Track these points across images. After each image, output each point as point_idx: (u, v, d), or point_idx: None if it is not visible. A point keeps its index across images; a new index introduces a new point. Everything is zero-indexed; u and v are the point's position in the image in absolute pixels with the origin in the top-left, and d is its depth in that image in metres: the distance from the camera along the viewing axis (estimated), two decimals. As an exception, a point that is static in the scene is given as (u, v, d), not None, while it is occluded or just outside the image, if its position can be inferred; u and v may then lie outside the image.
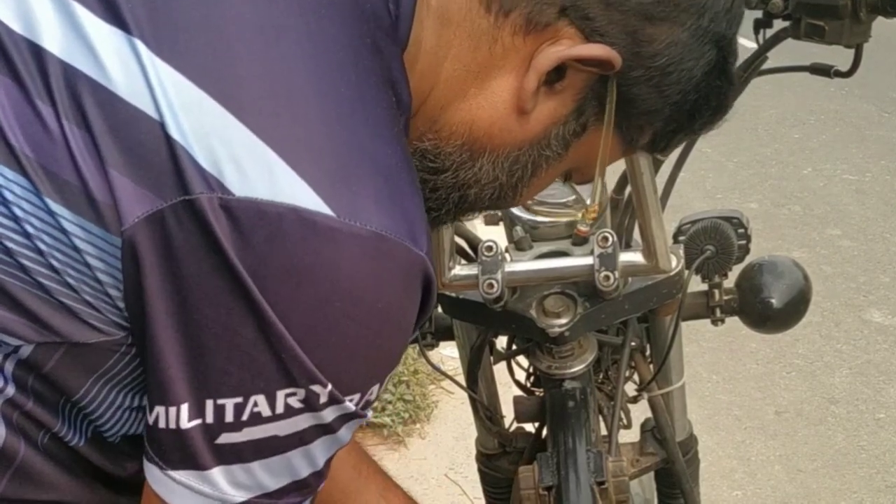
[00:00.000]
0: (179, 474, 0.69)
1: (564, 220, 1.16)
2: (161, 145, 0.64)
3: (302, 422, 0.69)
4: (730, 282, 1.30)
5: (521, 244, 1.16)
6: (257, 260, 0.64)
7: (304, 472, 0.73)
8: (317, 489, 0.76)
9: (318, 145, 0.66)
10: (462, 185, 0.81)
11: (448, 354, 2.21)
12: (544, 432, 1.25)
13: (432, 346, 1.33)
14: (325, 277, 0.65)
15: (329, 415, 0.70)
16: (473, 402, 1.34)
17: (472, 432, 1.43)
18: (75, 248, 0.65)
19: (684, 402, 1.38)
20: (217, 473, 0.69)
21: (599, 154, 0.82)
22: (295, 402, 0.68)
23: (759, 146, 5.67)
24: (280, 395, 0.67)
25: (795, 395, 3.09)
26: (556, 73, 0.77)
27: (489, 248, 1.11)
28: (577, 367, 1.18)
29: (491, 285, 1.11)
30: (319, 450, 0.72)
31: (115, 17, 0.66)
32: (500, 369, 1.34)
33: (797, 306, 1.30)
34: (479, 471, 1.41)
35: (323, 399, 0.68)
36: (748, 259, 1.31)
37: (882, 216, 4.55)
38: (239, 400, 0.67)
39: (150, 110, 0.64)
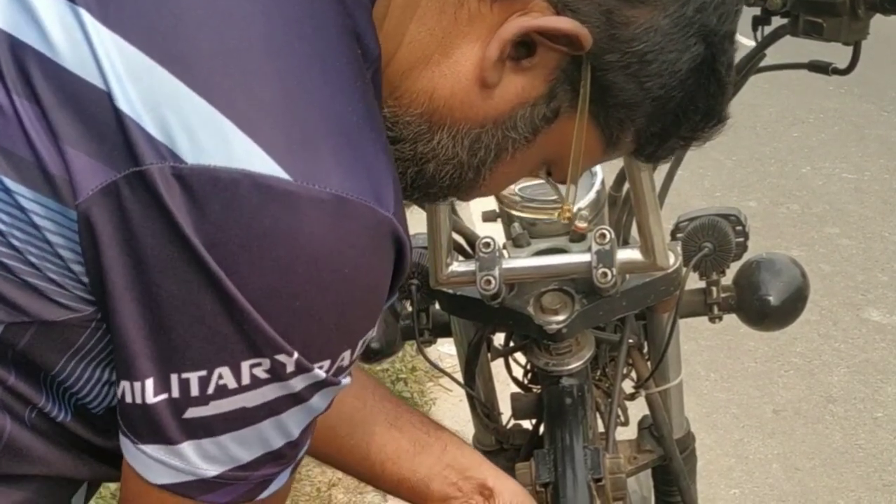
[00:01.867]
0: (150, 448, 0.68)
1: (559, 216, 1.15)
2: (110, 117, 0.62)
3: (270, 392, 0.67)
4: (728, 279, 1.30)
5: (518, 241, 1.16)
6: (213, 229, 0.62)
7: (278, 442, 0.71)
8: (296, 458, 0.74)
9: (272, 107, 0.64)
10: (420, 158, 0.77)
11: (446, 352, 2.21)
12: (541, 429, 1.25)
13: (430, 342, 1.33)
14: (284, 244, 0.63)
15: (298, 384, 0.68)
16: (471, 398, 1.35)
17: (469, 429, 1.43)
18: (35, 226, 0.64)
19: (682, 400, 1.38)
20: (187, 447, 0.68)
21: (573, 144, 0.77)
22: (261, 373, 0.66)
23: (757, 144, 5.67)
24: (245, 366, 0.65)
25: (793, 393, 3.10)
26: (526, 50, 0.73)
27: (487, 245, 1.11)
28: (575, 364, 1.19)
29: (488, 282, 1.11)
30: (292, 420, 0.70)
31: None
32: (497, 366, 1.35)
33: (795, 304, 1.30)
34: (477, 467, 1.41)
35: (290, 368, 0.66)
36: (746, 256, 1.31)
37: (881, 215, 4.55)
38: (203, 373, 0.65)
39: (97, 81, 0.63)
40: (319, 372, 0.68)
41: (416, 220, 1.19)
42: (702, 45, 0.74)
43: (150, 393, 0.66)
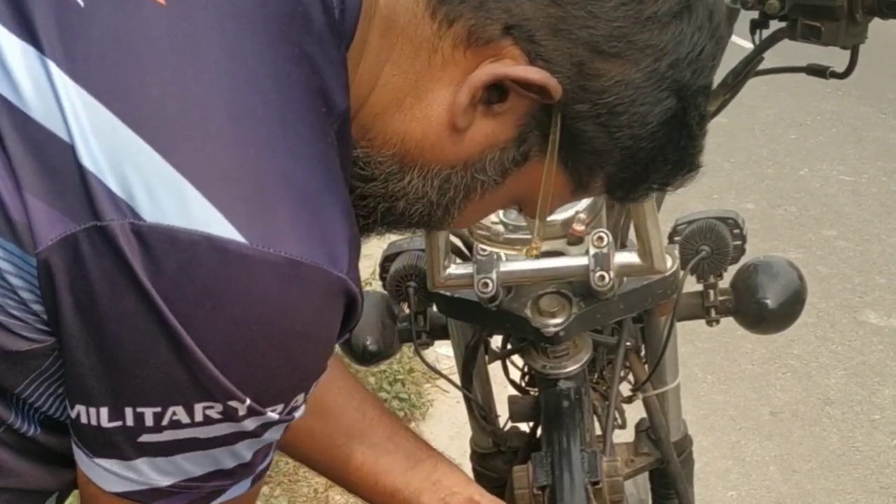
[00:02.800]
0: (105, 462, 0.70)
1: (560, 219, 1.15)
2: (73, 170, 0.63)
3: (223, 429, 0.69)
4: (725, 282, 1.30)
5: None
6: (171, 284, 0.63)
7: (230, 464, 0.72)
8: (251, 475, 0.76)
9: (233, 172, 0.65)
10: (390, 196, 0.79)
11: (444, 353, 2.21)
12: (539, 432, 1.25)
13: (427, 345, 1.33)
14: (239, 303, 0.65)
15: (250, 424, 0.70)
16: (468, 401, 1.35)
17: (467, 431, 1.43)
18: None
19: (679, 403, 1.38)
20: (140, 463, 0.70)
21: (542, 188, 0.79)
22: (214, 414, 0.68)
23: (755, 146, 5.67)
24: (198, 406, 0.67)
25: (791, 395, 3.10)
26: (498, 95, 0.74)
27: (484, 248, 1.11)
28: (572, 367, 1.18)
29: (486, 284, 1.11)
30: (244, 448, 0.72)
31: (28, 32, 0.65)
32: (494, 368, 1.35)
33: (792, 307, 1.30)
34: (474, 470, 1.41)
35: (242, 412, 0.68)
36: (743, 259, 1.31)
37: (878, 217, 4.55)
38: (157, 409, 0.67)
39: (62, 133, 0.63)
40: (272, 415, 0.70)
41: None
42: (674, 98, 0.76)
43: (104, 419, 0.68)
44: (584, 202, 1.16)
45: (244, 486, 0.76)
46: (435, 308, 1.27)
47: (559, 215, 1.15)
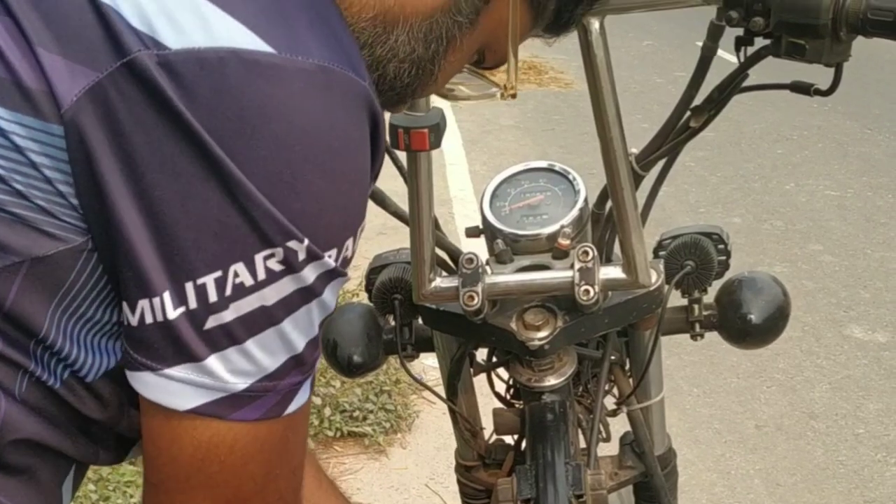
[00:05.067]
0: (176, 370, 0.67)
1: (546, 233, 1.16)
2: (87, 11, 0.61)
3: (285, 286, 0.67)
4: (709, 297, 1.31)
5: (501, 257, 1.17)
6: (208, 113, 0.61)
7: (300, 343, 0.70)
8: (314, 367, 0.74)
9: None
10: (379, 61, 0.77)
11: (430, 364, 2.21)
12: (523, 444, 1.25)
13: (412, 357, 1.33)
14: (279, 119, 0.63)
15: (310, 274, 0.68)
16: (453, 413, 1.35)
17: (453, 443, 1.43)
18: (17, 149, 0.63)
19: (663, 416, 1.38)
20: (213, 361, 0.67)
21: (510, 17, 0.79)
22: (275, 265, 0.66)
23: (742, 161, 5.70)
24: (259, 258, 0.65)
25: (775, 409, 3.11)
26: None
27: (470, 261, 1.12)
28: (557, 381, 1.19)
29: (471, 298, 1.11)
30: (310, 316, 0.70)
31: None
32: (479, 381, 1.35)
33: (776, 322, 1.31)
34: (458, 482, 1.41)
35: (301, 255, 0.66)
36: (728, 274, 1.32)
37: (863, 232, 4.58)
38: (218, 274, 0.65)
39: None
40: (329, 260, 0.68)
41: (401, 237, 1.20)
42: None
43: (169, 307, 0.65)
44: (570, 216, 1.17)
45: (306, 390, 0.74)
46: (420, 320, 1.27)
47: (544, 229, 1.16)
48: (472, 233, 1.26)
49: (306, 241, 0.66)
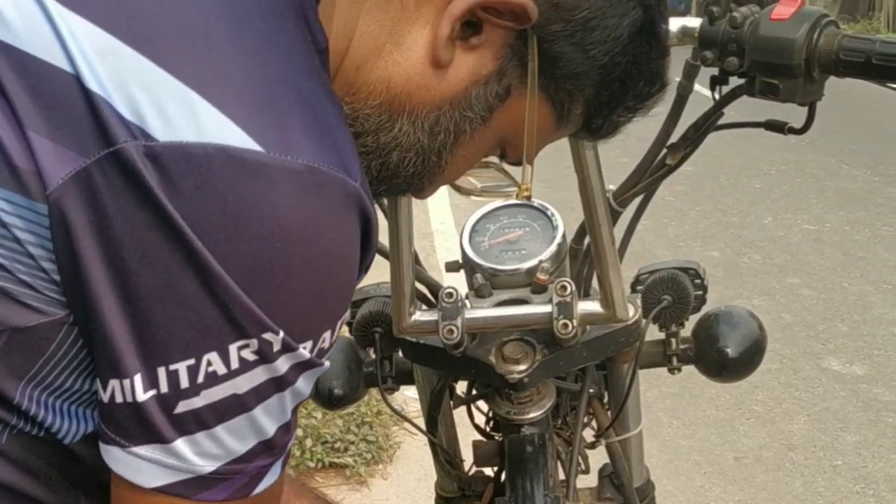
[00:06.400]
0: (143, 449, 0.67)
1: (524, 267, 1.17)
2: (79, 99, 0.62)
3: (258, 376, 0.67)
4: (686, 331, 1.32)
5: (480, 291, 1.18)
6: (190, 207, 0.61)
7: (271, 428, 0.70)
8: (285, 449, 0.73)
9: (239, 80, 0.64)
10: (383, 148, 0.77)
11: (411, 396, 2.21)
12: (503, 476, 1.26)
13: (393, 389, 1.34)
14: (262, 216, 0.63)
15: (283, 364, 0.67)
16: (433, 445, 1.35)
17: (434, 474, 1.43)
18: (3, 225, 0.62)
19: (642, 448, 1.39)
20: (181, 444, 0.67)
21: (526, 118, 0.79)
22: (249, 355, 0.65)
23: (721, 195, 5.74)
24: (233, 349, 0.65)
25: (754, 441, 3.12)
26: (472, 29, 0.74)
27: (449, 295, 1.13)
28: (536, 413, 1.20)
29: (451, 331, 1.12)
30: (282, 404, 0.70)
31: None
32: (459, 413, 1.36)
33: (752, 356, 1.32)
34: (439, 514, 1.41)
35: (276, 347, 0.66)
36: (705, 308, 1.33)
37: (840, 266, 4.61)
38: (191, 362, 0.65)
39: (63, 64, 0.62)
40: (304, 352, 0.68)
41: (381, 271, 1.21)
42: (640, 9, 0.77)
43: (139, 390, 0.65)
44: (548, 252, 1.18)
45: (277, 470, 0.74)
46: (401, 353, 1.28)
47: (523, 264, 1.17)
48: (451, 267, 1.28)
49: (281, 334, 0.66)
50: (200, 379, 0.65)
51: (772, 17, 1.02)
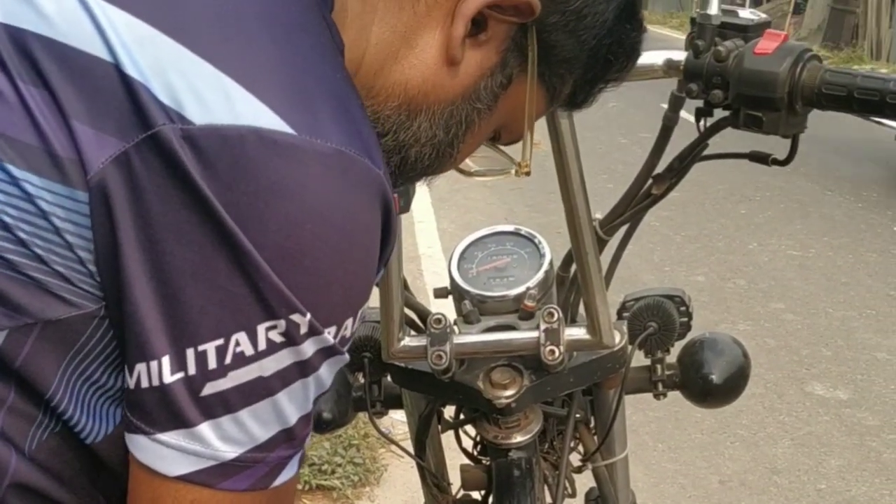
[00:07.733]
0: (167, 436, 0.68)
1: (512, 294, 1.19)
2: (118, 86, 0.64)
3: (284, 358, 0.68)
4: (672, 357, 1.34)
5: (469, 317, 1.19)
6: (223, 186, 0.64)
7: (293, 416, 0.71)
8: (304, 442, 0.75)
9: (272, 67, 0.68)
10: (402, 146, 0.81)
11: (399, 419, 2.22)
12: (490, 500, 1.27)
13: (381, 413, 1.35)
14: (292, 197, 0.65)
15: (309, 348, 0.69)
16: (421, 469, 1.36)
17: (421, 497, 1.44)
18: (42, 214, 0.64)
19: (627, 473, 1.41)
20: (205, 429, 0.68)
21: (527, 104, 0.83)
22: (276, 336, 0.67)
23: (706, 221, 5.78)
24: (261, 329, 0.67)
25: (739, 464, 3.13)
26: (478, 26, 0.78)
27: (438, 321, 1.14)
28: (523, 438, 1.21)
29: (440, 357, 1.13)
30: (305, 391, 0.71)
31: None
32: (447, 437, 1.37)
33: (736, 382, 1.34)
34: (426, 538, 1.42)
35: (303, 329, 0.68)
36: (690, 335, 1.35)
37: (825, 291, 4.64)
38: (220, 342, 0.66)
39: (103, 54, 0.65)
40: (328, 336, 0.70)
41: (370, 296, 1.22)
42: None
43: (166, 372, 0.66)
44: (535, 279, 1.19)
45: (294, 465, 0.75)
46: (389, 378, 1.29)
47: (510, 291, 1.19)
48: (440, 293, 1.29)
49: (308, 316, 0.68)
50: (228, 360, 0.67)
51: (756, 51, 1.04)
